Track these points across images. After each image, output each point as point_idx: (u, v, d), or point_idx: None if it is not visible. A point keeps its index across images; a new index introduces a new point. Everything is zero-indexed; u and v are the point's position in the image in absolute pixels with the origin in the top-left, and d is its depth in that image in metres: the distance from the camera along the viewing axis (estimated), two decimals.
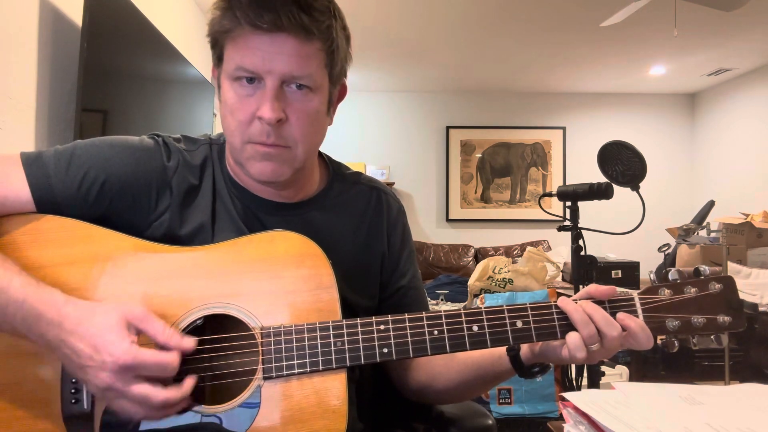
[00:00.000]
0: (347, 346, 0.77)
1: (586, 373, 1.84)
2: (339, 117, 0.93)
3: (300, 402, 0.75)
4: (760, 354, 3.19)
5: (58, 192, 0.81)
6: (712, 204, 4.02)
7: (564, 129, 6.08)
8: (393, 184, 5.84)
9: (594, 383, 1.77)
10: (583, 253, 1.80)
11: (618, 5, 3.16)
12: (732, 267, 3.39)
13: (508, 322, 0.79)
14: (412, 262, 1.03)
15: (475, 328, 0.78)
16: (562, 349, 0.79)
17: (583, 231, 1.80)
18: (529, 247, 2.73)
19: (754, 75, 5.19)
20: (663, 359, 3.35)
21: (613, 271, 4.28)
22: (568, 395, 0.69)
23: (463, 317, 0.79)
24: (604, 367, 2.09)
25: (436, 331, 0.78)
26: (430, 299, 3.33)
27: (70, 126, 2.02)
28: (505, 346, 0.84)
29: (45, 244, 0.79)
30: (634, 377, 3.14)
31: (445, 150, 6.08)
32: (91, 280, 0.77)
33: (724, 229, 3.75)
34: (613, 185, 1.76)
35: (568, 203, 1.85)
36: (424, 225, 6.04)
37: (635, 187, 1.75)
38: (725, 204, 4.77)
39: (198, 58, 3.42)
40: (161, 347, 0.71)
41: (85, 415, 0.73)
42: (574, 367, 1.98)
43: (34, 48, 1.90)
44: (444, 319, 0.79)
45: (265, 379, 0.76)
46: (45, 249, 0.78)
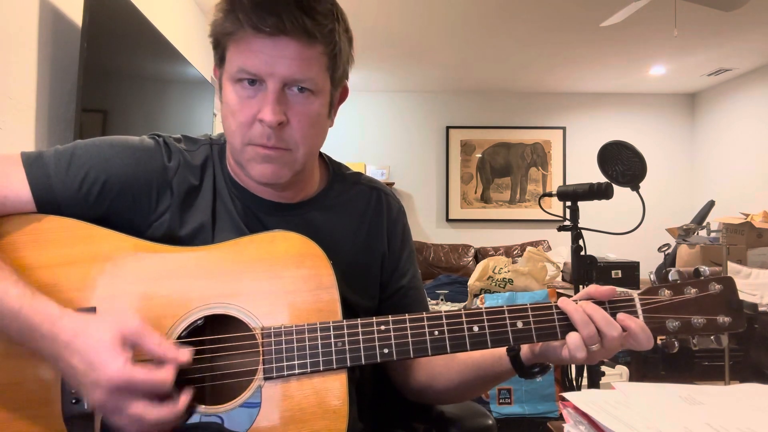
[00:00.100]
0: (348, 347, 0.77)
1: (586, 373, 1.84)
2: (339, 117, 0.93)
3: (300, 402, 0.75)
4: (760, 354, 3.19)
5: (59, 192, 0.81)
6: (712, 204, 4.02)
7: (564, 129, 6.08)
8: (393, 184, 5.84)
9: (594, 383, 1.77)
10: (583, 253, 1.80)
11: (618, 5, 3.16)
12: (732, 267, 3.39)
13: (508, 323, 0.79)
14: (412, 262, 1.03)
15: (475, 328, 0.79)
16: (562, 350, 0.79)
17: (583, 231, 1.81)
18: (529, 247, 2.73)
19: (754, 75, 5.19)
20: (663, 359, 3.35)
21: (613, 271, 4.29)
22: (568, 395, 0.69)
23: (464, 317, 0.79)
24: (604, 367, 2.09)
25: (437, 332, 0.78)
26: (430, 299, 3.33)
27: (70, 126, 2.02)
28: (505, 347, 0.84)
29: (45, 244, 0.79)
30: (634, 377, 3.14)
31: (445, 150, 6.08)
32: (91, 280, 0.77)
33: (724, 229, 3.75)
34: (613, 185, 1.76)
35: (568, 203, 1.85)
36: (424, 225, 6.04)
37: (635, 187, 1.75)
38: (725, 204, 4.77)
39: (198, 58, 3.42)
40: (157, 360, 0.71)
41: (86, 415, 0.73)
42: (574, 367, 1.98)
43: (34, 48, 1.90)
44: (444, 320, 0.79)
45: (266, 379, 0.76)
46: (45, 249, 0.78)
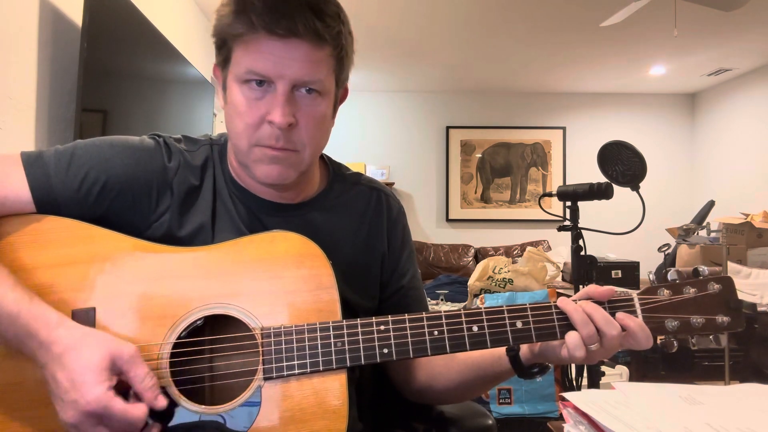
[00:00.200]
0: (347, 347, 0.77)
1: (586, 373, 1.84)
2: (339, 117, 0.93)
3: (300, 402, 0.75)
4: (760, 354, 3.19)
5: (59, 192, 0.81)
6: (712, 204, 4.02)
7: (564, 129, 6.08)
8: (393, 184, 5.84)
9: (594, 383, 1.77)
10: (583, 253, 1.80)
11: (618, 5, 3.16)
12: (732, 267, 3.39)
13: (507, 323, 0.79)
14: (412, 262, 1.03)
15: (475, 328, 0.79)
16: (562, 349, 0.79)
17: (583, 231, 1.80)
18: (529, 247, 2.73)
19: (754, 75, 5.19)
20: (663, 359, 3.35)
21: (613, 271, 4.28)
22: (568, 395, 0.69)
23: (463, 317, 0.79)
24: (604, 367, 2.09)
25: (436, 332, 0.78)
26: (430, 299, 3.33)
27: (70, 126, 2.02)
28: (505, 347, 0.84)
29: (45, 244, 0.79)
30: (634, 377, 3.14)
31: (445, 150, 6.08)
32: (90, 280, 0.77)
33: (724, 229, 3.75)
34: (613, 185, 1.76)
35: (568, 203, 1.85)
36: (424, 225, 6.04)
37: (635, 187, 1.75)
38: (725, 204, 4.77)
39: (198, 58, 3.42)
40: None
41: None
42: (574, 367, 1.98)
43: (34, 48, 1.90)
44: (444, 320, 0.79)
45: (266, 379, 0.76)
46: (45, 249, 0.78)
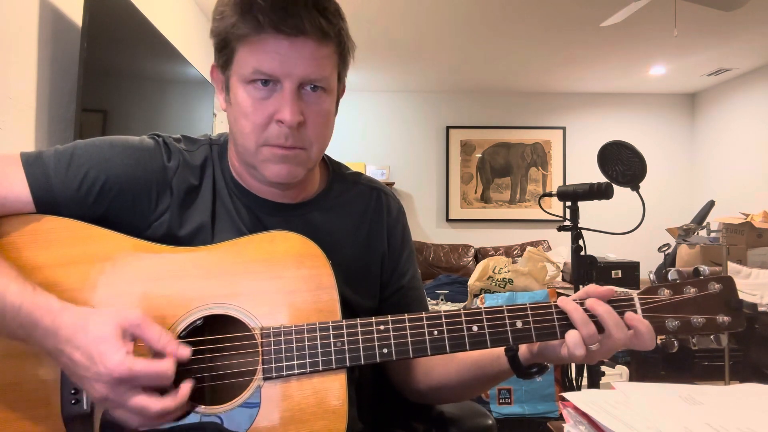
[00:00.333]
0: (347, 347, 0.77)
1: (586, 373, 1.84)
2: (339, 117, 0.93)
3: (300, 402, 0.75)
4: (760, 354, 3.19)
5: (58, 192, 0.81)
6: (712, 204, 4.02)
7: (564, 129, 6.08)
8: (393, 184, 5.84)
9: (594, 383, 1.77)
10: (583, 253, 1.80)
11: (618, 5, 3.16)
12: (732, 267, 3.39)
13: (507, 323, 0.79)
14: (412, 262, 1.03)
15: (474, 328, 0.79)
16: (562, 348, 0.79)
17: (583, 231, 1.80)
18: (529, 247, 2.73)
19: (754, 75, 5.19)
20: (663, 359, 3.35)
21: (613, 271, 4.29)
22: (568, 395, 0.69)
23: (463, 317, 0.79)
24: (604, 367, 2.09)
25: (436, 332, 0.78)
26: (430, 299, 3.33)
27: (70, 126, 2.02)
28: (504, 347, 0.84)
29: (45, 244, 0.79)
30: (634, 377, 3.14)
31: (445, 150, 6.08)
32: (91, 280, 0.77)
33: (724, 229, 3.75)
34: (613, 185, 1.76)
35: (568, 203, 1.84)
36: (424, 225, 6.04)
37: (635, 187, 1.75)
38: (725, 204, 4.77)
39: (198, 58, 3.42)
40: (157, 353, 0.71)
41: (85, 415, 0.73)
42: (574, 367, 1.98)
43: (34, 48, 1.90)
44: (444, 320, 0.79)
45: (265, 379, 0.76)
46: (45, 249, 0.78)
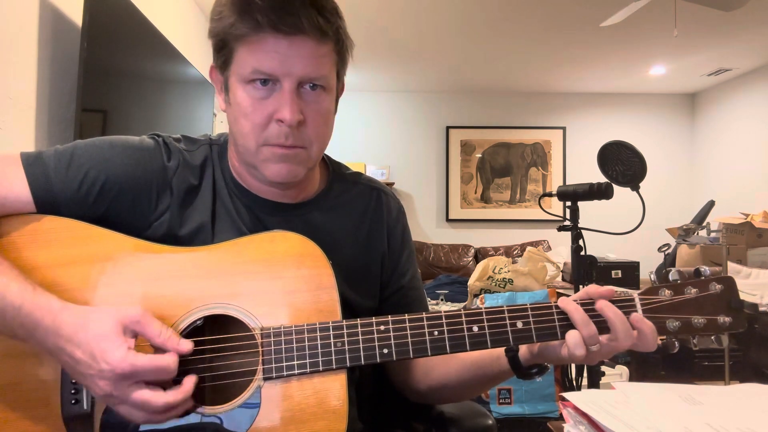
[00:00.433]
0: (347, 347, 0.77)
1: (586, 373, 1.84)
2: (339, 117, 0.93)
3: (300, 402, 0.75)
4: (760, 354, 3.19)
5: (58, 192, 0.81)
6: (712, 204, 4.02)
7: (564, 129, 6.08)
8: (393, 184, 5.84)
9: (594, 383, 1.76)
10: (583, 253, 1.80)
11: (618, 5, 3.15)
12: (732, 267, 3.39)
13: (508, 323, 0.79)
14: (412, 262, 1.03)
15: (475, 328, 0.78)
16: (562, 348, 0.79)
17: (583, 231, 1.80)
18: (529, 247, 2.73)
19: (754, 75, 5.19)
20: (663, 359, 3.35)
21: (613, 271, 4.29)
22: (568, 395, 0.69)
23: (464, 318, 0.79)
24: (604, 367, 2.09)
25: (437, 332, 0.78)
26: (430, 299, 3.33)
27: (70, 126, 2.02)
28: (504, 347, 0.84)
29: (45, 244, 0.79)
30: (634, 377, 3.14)
31: (445, 150, 6.08)
32: (91, 280, 0.77)
33: (724, 229, 3.75)
34: (613, 185, 1.76)
35: (568, 203, 1.84)
36: (424, 225, 6.04)
37: (635, 187, 1.75)
38: (725, 204, 4.77)
39: (198, 58, 3.42)
40: (159, 349, 0.71)
41: (85, 415, 0.73)
42: (574, 367, 1.98)
43: (34, 48, 1.90)
44: (444, 320, 0.79)
45: (265, 379, 0.76)
46: (45, 249, 0.78)
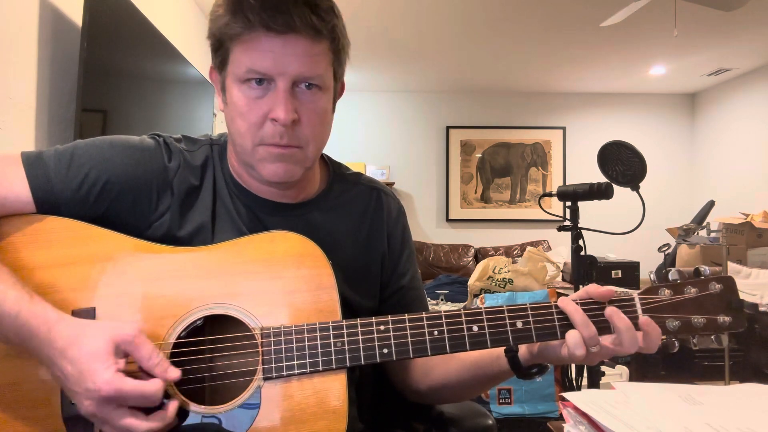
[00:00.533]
0: (347, 347, 0.77)
1: (586, 373, 1.84)
2: (339, 117, 0.93)
3: (300, 402, 0.75)
4: (760, 354, 3.20)
5: (59, 192, 0.81)
6: (712, 204, 4.02)
7: (564, 129, 6.08)
8: (393, 184, 5.84)
9: (594, 383, 1.76)
10: (583, 253, 1.80)
11: (618, 5, 3.16)
12: (732, 267, 3.39)
13: (508, 323, 0.79)
14: (412, 262, 1.03)
15: (475, 328, 0.78)
16: (562, 348, 0.79)
17: (583, 231, 1.80)
18: (529, 247, 2.73)
19: (754, 75, 5.19)
20: (663, 359, 3.35)
21: (613, 271, 4.29)
22: (568, 395, 0.69)
23: (463, 317, 0.79)
24: (604, 367, 2.09)
25: (436, 332, 0.78)
26: (430, 299, 3.33)
27: (70, 126, 2.02)
28: (503, 347, 0.84)
29: (45, 244, 0.79)
30: (634, 377, 3.14)
31: (445, 150, 6.08)
32: (91, 280, 0.77)
33: (724, 229, 3.75)
34: (613, 185, 1.76)
35: (568, 203, 1.84)
36: (424, 225, 6.04)
37: (635, 187, 1.75)
38: (725, 204, 4.77)
39: (198, 58, 3.42)
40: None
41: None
42: (574, 367, 1.98)
43: (34, 48, 1.90)
44: (444, 320, 0.79)
45: (265, 379, 0.76)
46: (45, 249, 0.78)
